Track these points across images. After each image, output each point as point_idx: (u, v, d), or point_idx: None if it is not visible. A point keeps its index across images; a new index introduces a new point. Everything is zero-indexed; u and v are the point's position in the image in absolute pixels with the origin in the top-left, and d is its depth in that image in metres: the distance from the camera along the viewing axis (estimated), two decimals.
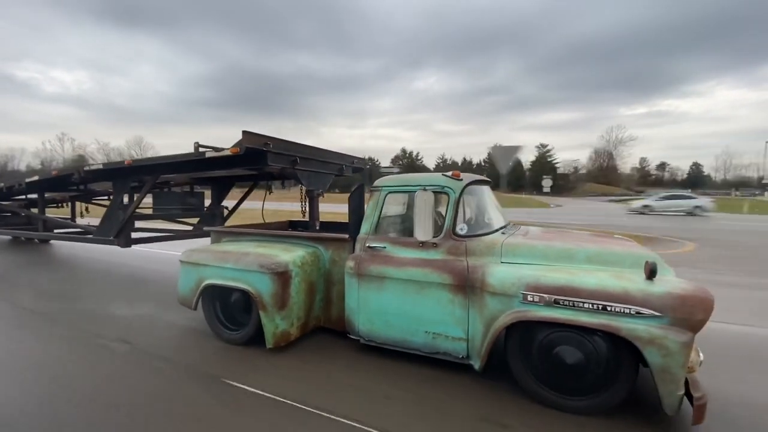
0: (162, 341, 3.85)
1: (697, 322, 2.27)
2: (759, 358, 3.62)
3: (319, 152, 4.91)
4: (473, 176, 3.64)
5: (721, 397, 2.78)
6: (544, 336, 2.68)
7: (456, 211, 3.25)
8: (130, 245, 5.71)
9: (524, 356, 2.76)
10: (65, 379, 3.07)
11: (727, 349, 3.71)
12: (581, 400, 2.61)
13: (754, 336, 4.17)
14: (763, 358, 3.61)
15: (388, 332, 3.33)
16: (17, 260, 8.06)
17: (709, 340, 3.39)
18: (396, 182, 3.60)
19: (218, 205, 7.19)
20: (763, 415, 2.65)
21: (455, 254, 3.15)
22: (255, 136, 3.96)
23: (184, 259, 3.97)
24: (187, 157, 4.39)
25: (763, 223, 18.60)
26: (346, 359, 3.45)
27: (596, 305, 2.45)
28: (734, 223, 18.44)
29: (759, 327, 4.39)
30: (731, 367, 3.36)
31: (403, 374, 3.16)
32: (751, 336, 4.17)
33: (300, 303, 3.61)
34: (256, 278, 3.46)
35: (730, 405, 2.73)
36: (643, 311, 2.35)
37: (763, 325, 4.44)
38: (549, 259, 2.92)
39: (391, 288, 3.28)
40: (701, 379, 2.50)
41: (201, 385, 2.99)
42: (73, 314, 4.56)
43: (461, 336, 3.03)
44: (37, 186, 7.02)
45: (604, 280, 2.53)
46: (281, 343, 3.49)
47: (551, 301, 2.57)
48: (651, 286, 2.42)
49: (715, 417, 2.50)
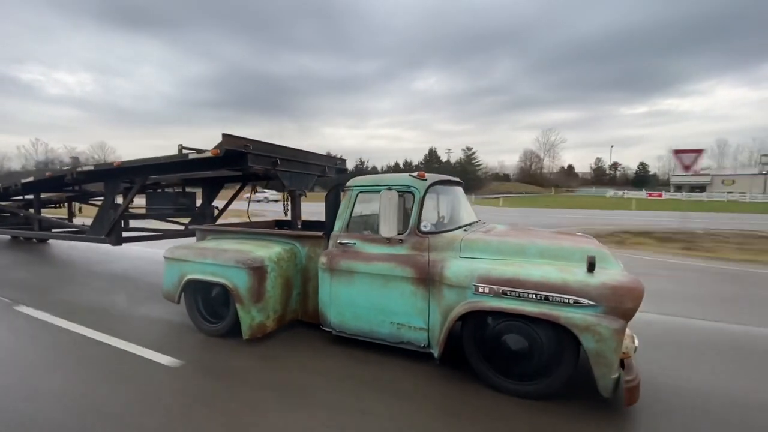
0: (138, 332, 4.05)
1: (628, 310, 2.46)
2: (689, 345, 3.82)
3: (300, 154, 5.11)
4: (439, 177, 3.83)
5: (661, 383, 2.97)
6: (494, 325, 2.88)
7: (420, 209, 3.44)
8: (121, 243, 5.92)
9: (477, 344, 2.96)
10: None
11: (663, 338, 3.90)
12: (529, 385, 2.80)
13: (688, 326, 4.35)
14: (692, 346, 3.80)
15: (357, 324, 3.53)
16: (15, 259, 8.28)
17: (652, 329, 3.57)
18: (366, 182, 3.80)
19: (209, 205, 7.40)
20: (695, 397, 2.84)
21: (419, 250, 3.34)
22: (234, 139, 4.16)
23: (168, 256, 4.17)
24: (171, 158, 4.60)
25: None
26: (316, 350, 3.65)
27: (539, 296, 2.65)
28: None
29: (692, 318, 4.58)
30: (669, 355, 3.55)
31: (369, 362, 3.36)
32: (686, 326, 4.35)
33: (276, 297, 3.81)
34: (233, 273, 3.65)
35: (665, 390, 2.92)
36: (580, 301, 2.54)
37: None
38: (503, 254, 3.11)
39: (359, 282, 3.47)
40: (652, 367, 2.69)
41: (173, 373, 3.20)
42: (52, 306, 4.77)
43: (422, 326, 3.22)
44: (33, 187, 7.23)
45: (547, 272, 2.73)
46: (257, 334, 3.68)
47: (500, 292, 2.76)
48: (589, 278, 2.61)
49: (656, 400, 2.69)
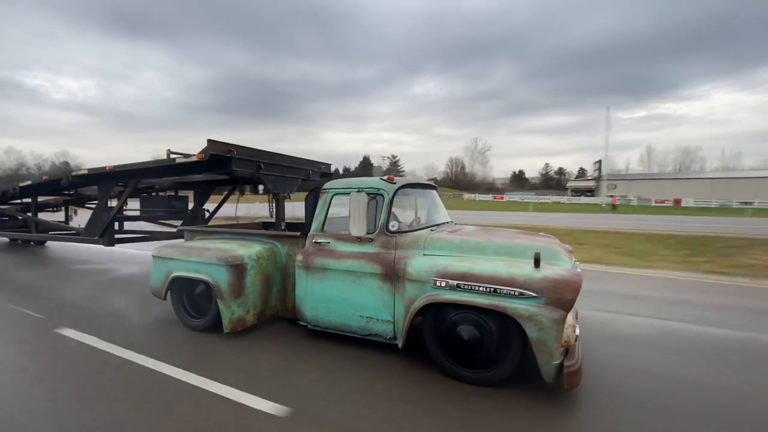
0: (118, 328, 4.28)
1: (567, 301, 2.70)
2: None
3: (284, 158, 5.37)
4: (409, 180, 4.08)
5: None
6: (450, 316, 3.11)
7: (389, 211, 3.68)
8: (114, 244, 6.15)
9: (436, 335, 3.19)
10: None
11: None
12: (482, 372, 3.02)
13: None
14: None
15: (329, 318, 3.76)
16: (12, 260, 8.53)
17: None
18: (341, 185, 4.04)
19: (200, 208, 7.65)
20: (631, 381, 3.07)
21: (386, 248, 3.58)
22: (219, 144, 4.41)
23: (155, 254, 4.41)
24: (160, 162, 4.85)
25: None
26: (293, 342, 3.88)
27: (489, 288, 2.88)
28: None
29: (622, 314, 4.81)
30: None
31: (339, 354, 3.59)
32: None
33: (256, 293, 4.04)
34: (215, 270, 3.89)
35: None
36: (524, 293, 2.78)
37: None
38: (463, 251, 3.35)
39: (332, 278, 3.71)
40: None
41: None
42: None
43: (389, 319, 3.45)
44: (30, 190, 7.49)
45: (497, 267, 2.97)
46: (237, 328, 3.91)
47: (454, 285, 3.00)
48: (533, 272, 2.85)
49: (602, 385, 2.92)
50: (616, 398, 2.86)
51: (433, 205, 4.55)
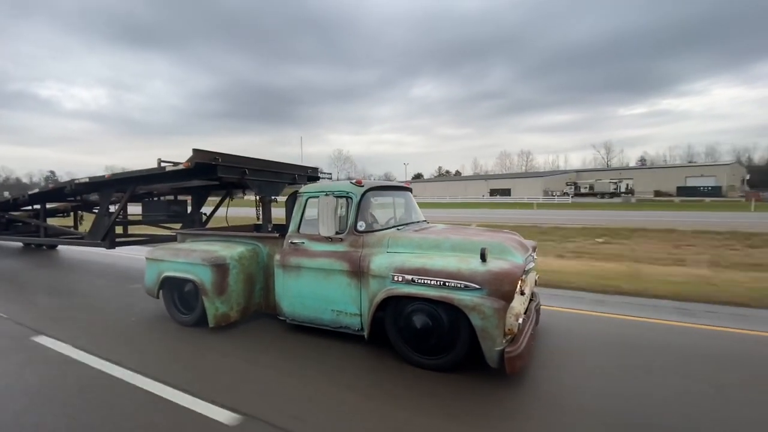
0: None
1: (506, 292, 2.96)
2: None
3: (269, 164, 5.69)
4: (377, 183, 4.37)
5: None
6: (408, 308, 3.39)
7: (357, 212, 3.97)
8: (115, 247, 6.55)
9: (395, 326, 3.47)
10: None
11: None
12: (436, 359, 3.30)
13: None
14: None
15: (304, 312, 4.06)
16: (27, 263, 9.03)
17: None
18: (314, 189, 4.34)
19: (197, 212, 8.03)
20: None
21: (354, 246, 3.86)
22: (204, 153, 4.75)
23: (148, 256, 4.77)
24: (152, 171, 5.22)
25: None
26: (273, 337, 4.20)
27: (439, 282, 3.15)
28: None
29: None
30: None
31: (312, 345, 3.89)
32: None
33: (239, 291, 4.36)
34: (200, 270, 4.22)
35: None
36: (469, 285, 3.04)
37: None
38: (422, 248, 3.62)
39: (306, 275, 4.01)
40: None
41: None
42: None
43: (356, 312, 3.74)
44: (39, 197, 7.95)
45: (448, 262, 3.23)
46: (221, 323, 4.23)
47: (410, 279, 3.28)
48: (479, 266, 3.11)
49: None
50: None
51: (407, 206, 4.82)
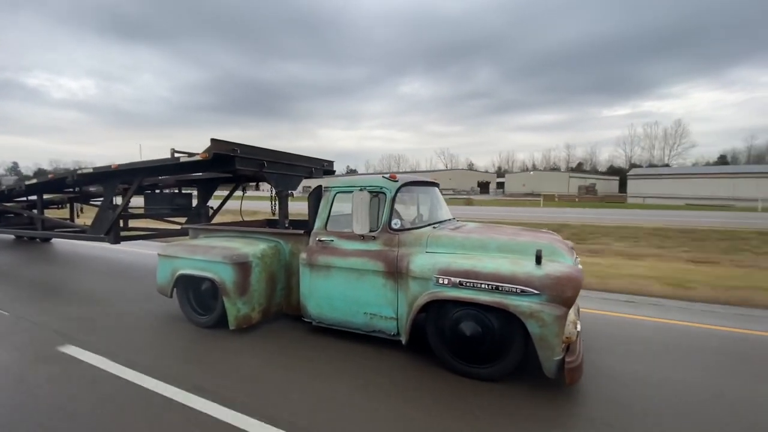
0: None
1: (568, 298, 2.73)
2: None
3: (287, 156, 5.39)
4: (411, 178, 4.11)
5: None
6: (453, 313, 3.15)
7: (391, 208, 3.71)
8: (119, 242, 6.22)
9: (439, 331, 3.23)
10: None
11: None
12: (484, 368, 3.07)
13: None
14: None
15: (333, 314, 3.81)
16: (20, 257, 8.64)
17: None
18: (343, 183, 4.07)
19: (204, 205, 7.68)
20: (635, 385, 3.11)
21: (389, 245, 3.61)
22: (223, 143, 4.44)
23: (161, 253, 4.47)
24: (164, 161, 4.89)
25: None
26: (299, 340, 3.94)
27: (491, 286, 2.92)
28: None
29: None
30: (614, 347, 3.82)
31: (343, 350, 3.64)
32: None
33: (261, 290, 4.09)
34: (220, 268, 3.94)
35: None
36: (526, 290, 2.81)
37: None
38: (465, 249, 3.38)
39: (336, 276, 3.75)
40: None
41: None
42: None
43: (392, 315, 3.50)
44: (36, 188, 7.55)
45: (499, 265, 3.00)
46: (243, 325, 3.96)
47: (457, 282, 3.04)
48: (535, 270, 2.88)
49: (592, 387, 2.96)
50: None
51: (435, 203, 4.57)
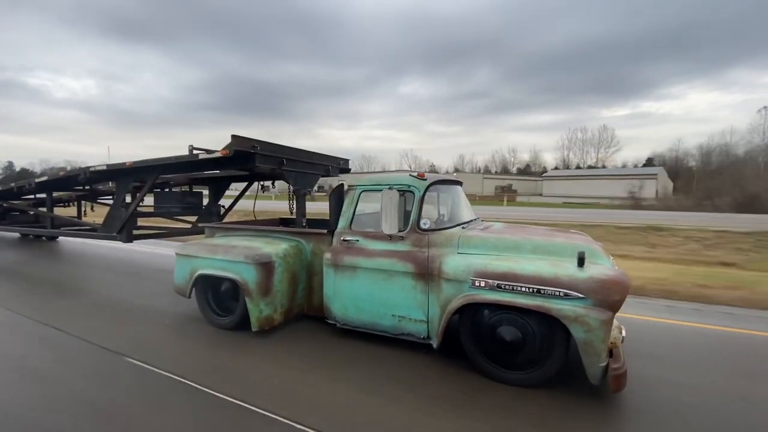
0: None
1: (614, 302, 2.62)
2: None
3: (305, 154, 5.28)
4: (439, 176, 3.99)
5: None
6: (489, 317, 3.04)
7: (420, 208, 3.60)
8: (132, 240, 6.11)
9: (474, 335, 3.12)
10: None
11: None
12: (523, 374, 2.96)
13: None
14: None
15: (359, 316, 3.70)
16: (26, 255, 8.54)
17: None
18: (369, 181, 3.96)
19: (215, 204, 7.58)
20: (679, 392, 3.00)
21: (418, 246, 3.50)
22: (243, 140, 4.33)
23: (179, 252, 4.36)
24: (182, 158, 4.78)
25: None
26: (323, 342, 3.83)
27: (532, 289, 2.81)
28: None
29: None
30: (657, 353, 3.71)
31: (371, 354, 3.53)
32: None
33: (283, 291, 3.98)
34: (242, 268, 3.83)
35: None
36: (570, 293, 2.70)
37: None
38: (499, 250, 3.27)
39: (362, 276, 3.64)
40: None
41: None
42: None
43: (422, 318, 3.39)
44: (46, 186, 7.45)
45: (540, 267, 2.88)
46: (265, 326, 3.86)
47: (495, 285, 2.92)
48: (578, 272, 2.76)
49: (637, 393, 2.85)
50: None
51: (460, 202, 4.45)
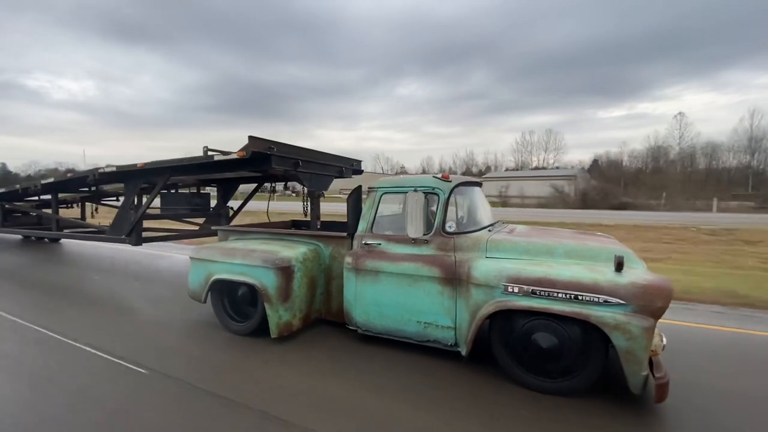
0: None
1: (657, 309, 2.52)
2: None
3: (320, 155, 5.19)
4: (462, 178, 3.90)
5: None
6: (523, 323, 2.94)
7: (445, 210, 3.51)
8: (141, 243, 6.00)
9: (506, 342, 3.02)
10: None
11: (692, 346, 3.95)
12: (558, 382, 2.86)
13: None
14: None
15: (382, 322, 3.60)
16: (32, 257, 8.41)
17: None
18: (390, 183, 3.86)
19: (224, 206, 7.48)
20: (721, 400, 2.90)
21: (444, 250, 3.41)
22: (260, 141, 4.24)
23: (194, 256, 4.25)
24: (196, 160, 4.68)
25: None
26: (345, 349, 3.72)
27: (569, 295, 2.71)
28: None
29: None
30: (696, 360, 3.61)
31: (395, 361, 3.43)
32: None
33: (302, 296, 3.88)
34: (261, 273, 3.73)
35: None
36: (610, 300, 2.60)
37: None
38: (530, 254, 3.17)
39: (385, 281, 3.54)
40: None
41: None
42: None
43: (450, 325, 3.29)
44: (52, 187, 7.34)
45: (577, 272, 2.79)
46: (284, 333, 3.75)
47: (529, 291, 2.83)
48: (618, 278, 2.67)
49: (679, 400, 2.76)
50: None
51: (480, 203, 4.36)
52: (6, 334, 4.07)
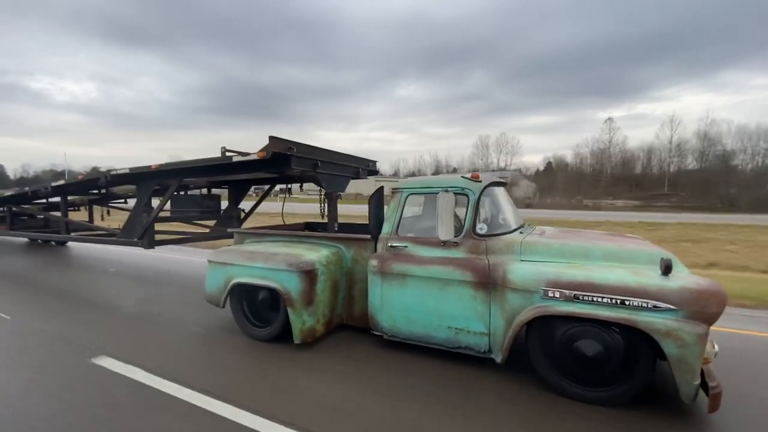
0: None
1: (712, 315, 2.40)
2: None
3: (337, 156, 5.08)
4: (492, 178, 3.78)
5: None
6: (564, 330, 2.81)
7: (476, 212, 3.39)
8: (154, 246, 5.90)
9: (545, 350, 2.89)
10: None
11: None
12: (603, 391, 2.73)
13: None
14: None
15: (410, 328, 3.47)
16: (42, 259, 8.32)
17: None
18: (416, 184, 3.75)
19: (235, 207, 7.37)
20: None
21: (476, 253, 3.29)
22: (280, 141, 4.13)
23: (212, 259, 4.14)
24: (213, 161, 4.58)
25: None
26: (369, 354, 3.60)
27: (615, 300, 2.58)
28: None
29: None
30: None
31: (425, 368, 3.31)
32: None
33: (325, 300, 3.77)
34: (284, 276, 3.61)
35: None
36: (659, 305, 2.48)
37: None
38: (566, 257, 3.05)
39: (413, 285, 3.42)
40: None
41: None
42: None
43: (483, 331, 3.17)
44: (62, 190, 7.25)
45: (623, 276, 2.66)
46: (308, 338, 3.64)
47: (571, 296, 2.70)
48: (667, 282, 2.54)
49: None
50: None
51: (508, 204, 4.23)
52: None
